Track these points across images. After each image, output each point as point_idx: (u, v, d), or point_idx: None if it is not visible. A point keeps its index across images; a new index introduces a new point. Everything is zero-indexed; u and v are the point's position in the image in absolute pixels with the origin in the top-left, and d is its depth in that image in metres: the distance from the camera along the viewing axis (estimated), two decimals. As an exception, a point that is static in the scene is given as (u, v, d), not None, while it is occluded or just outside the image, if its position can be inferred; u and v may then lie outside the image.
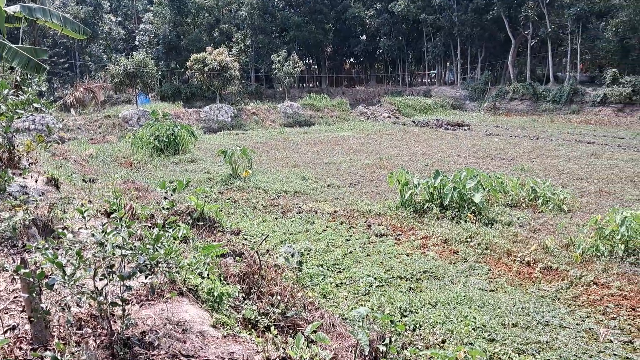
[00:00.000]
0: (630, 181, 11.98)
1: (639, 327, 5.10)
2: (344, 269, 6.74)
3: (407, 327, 4.95)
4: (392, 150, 17.97)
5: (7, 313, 3.24)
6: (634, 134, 22.09)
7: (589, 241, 7.13)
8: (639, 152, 16.55)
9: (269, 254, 6.98)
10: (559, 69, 41.88)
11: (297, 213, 9.62)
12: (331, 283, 6.25)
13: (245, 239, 7.94)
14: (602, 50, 36.44)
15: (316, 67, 55.94)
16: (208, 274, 4.22)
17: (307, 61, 52.54)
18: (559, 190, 10.10)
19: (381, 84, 53.10)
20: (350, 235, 8.26)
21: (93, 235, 2.71)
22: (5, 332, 2.99)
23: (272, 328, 3.49)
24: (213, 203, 9.66)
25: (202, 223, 7.75)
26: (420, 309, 5.44)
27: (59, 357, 2.52)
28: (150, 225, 4.43)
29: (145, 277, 2.82)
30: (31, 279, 2.64)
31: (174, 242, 3.16)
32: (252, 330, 3.82)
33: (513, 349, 4.62)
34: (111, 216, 3.70)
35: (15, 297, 3.41)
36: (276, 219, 9.30)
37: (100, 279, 2.73)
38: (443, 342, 4.77)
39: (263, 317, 4.20)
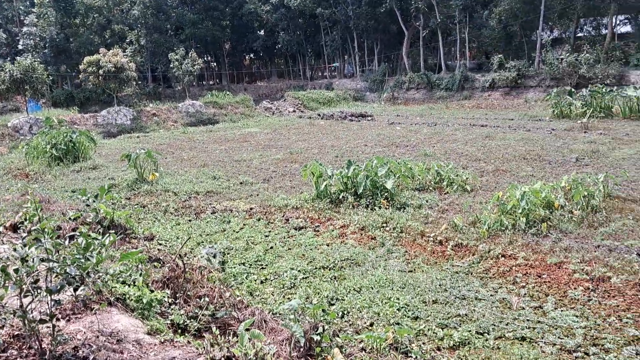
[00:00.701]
0: (523, 159, 12.89)
1: (546, 292, 5.53)
2: (267, 265, 6.75)
3: (337, 315, 5.05)
4: (301, 143, 18.11)
5: None
6: (522, 115, 23.73)
7: (493, 217, 7.60)
8: (528, 132, 17.83)
9: (187, 257, 6.82)
10: (449, 57, 44.00)
11: (211, 213, 9.47)
12: (256, 280, 6.23)
13: (160, 244, 7.70)
14: (488, 38, 38.76)
15: (215, 64, 55.05)
16: (134, 281, 4.07)
17: (205, 59, 51.53)
18: (461, 172, 10.68)
19: (283, 79, 53.23)
20: (269, 231, 8.27)
21: (15, 249, 2.52)
22: None
23: (212, 328, 3.43)
24: (122, 210, 9.28)
25: (113, 231, 7.42)
26: (346, 296, 5.57)
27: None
28: (71, 235, 4.19)
29: (75, 290, 2.67)
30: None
31: (103, 251, 3.02)
32: (185, 334, 3.74)
33: (436, 324, 4.85)
34: (32, 229, 3.45)
35: None
36: (190, 221, 9.11)
37: (25, 296, 2.55)
38: (371, 325, 4.91)
39: (192, 320, 4.12)
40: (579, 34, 38.21)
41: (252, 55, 57.30)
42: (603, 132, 16.83)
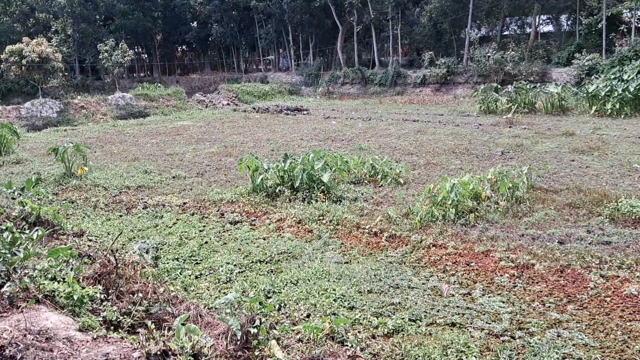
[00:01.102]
0: (452, 152, 13.34)
1: (474, 280, 5.77)
2: (201, 260, 6.67)
3: (273, 307, 5.07)
4: (236, 137, 17.94)
5: None
6: (451, 110, 24.51)
7: (425, 208, 7.84)
8: (457, 127, 18.44)
9: (119, 253, 6.64)
10: (382, 53, 44.78)
11: (143, 208, 9.24)
12: (190, 275, 6.15)
13: (91, 240, 7.46)
14: (419, 35, 39.70)
15: (146, 56, 53.42)
16: (64, 278, 3.92)
17: (136, 50, 49.96)
18: (395, 165, 10.93)
19: (217, 71, 52.39)
20: (204, 226, 8.17)
21: None
22: None
23: (147, 323, 3.37)
24: (49, 205, 8.89)
25: (40, 227, 7.10)
26: (283, 289, 5.59)
27: None
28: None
29: (0, 287, 2.55)
30: None
31: (30, 246, 2.88)
32: (119, 330, 3.65)
33: (371, 313, 4.96)
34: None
35: None
36: (121, 216, 8.86)
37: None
38: (308, 316, 4.96)
39: (126, 316, 4.03)
40: (505, 33, 39.85)
41: (184, 47, 56.02)
42: (527, 126, 17.66)
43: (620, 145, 13.21)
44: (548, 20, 39.10)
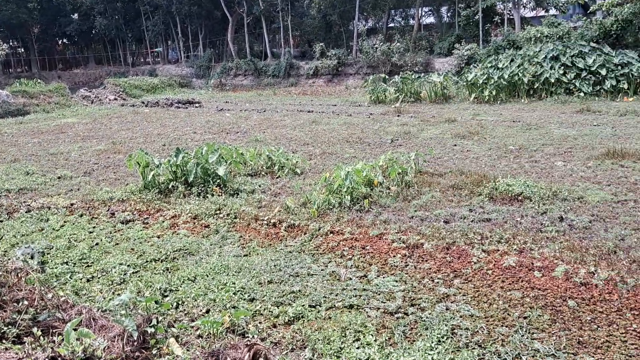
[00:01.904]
0: (346, 142, 13.70)
1: (370, 262, 5.99)
2: (93, 262, 6.36)
3: (171, 306, 4.96)
4: (125, 133, 17.20)
5: None
6: (343, 101, 25.10)
7: (322, 197, 8.00)
8: (350, 116, 18.93)
9: (0, 260, 6.17)
10: (274, 45, 44.81)
11: (26, 212, 8.63)
12: (81, 279, 5.85)
13: (-35, 250, 6.85)
14: (309, 27, 40.16)
15: (23, 50, 49.61)
16: None
17: (11, 44, 46.20)
18: (291, 156, 11.03)
19: (102, 65, 49.84)
20: (94, 227, 7.78)
21: None
22: None
23: (35, 332, 3.17)
24: None
25: None
26: (181, 286, 5.49)
27: None
28: None
29: None
30: None
31: None
32: (3, 342, 3.41)
33: (272, 303, 5.00)
34: None
35: None
36: (1, 221, 8.22)
37: None
38: (207, 311, 4.91)
39: (10, 327, 3.76)
40: (391, 25, 41.36)
41: (65, 40, 52.64)
42: (413, 115, 18.51)
43: (497, 129, 14.23)
44: (430, 12, 41.07)
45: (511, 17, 31.75)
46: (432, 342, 4.18)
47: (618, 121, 14.80)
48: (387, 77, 26.24)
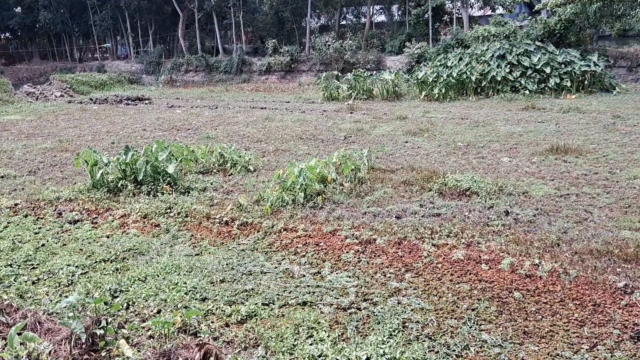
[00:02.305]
0: (300, 138, 13.71)
1: (323, 259, 6.03)
2: (39, 264, 6.15)
3: (121, 307, 4.86)
4: (72, 130, 16.67)
5: None
6: (297, 98, 25.10)
7: (275, 194, 7.99)
8: (303, 113, 18.95)
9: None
10: (226, 41, 44.36)
11: (-35, 214, 8.26)
12: (26, 281, 5.65)
13: None
14: (261, 23, 39.93)
15: (-41, 43, 47.43)
16: None
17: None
18: (244, 153, 10.96)
19: (47, 61, 48.09)
20: (40, 228, 7.53)
21: None
22: None
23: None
24: None
25: None
26: (131, 287, 5.38)
27: None
28: None
29: None
30: None
31: None
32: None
33: (224, 302, 4.97)
34: None
35: None
36: (-62, 224, 7.84)
37: None
38: (159, 312, 4.83)
39: (-52, 335, 3.61)
40: (343, 22, 41.57)
41: (8, 34, 50.51)
42: (366, 112, 18.70)
43: (446, 127, 14.54)
44: (381, 11, 41.53)
45: (460, 16, 32.46)
46: (384, 336, 4.24)
47: (561, 118, 15.36)
48: (339, 74, 26.40)
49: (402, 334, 4.30)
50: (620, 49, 26.42)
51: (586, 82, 21.40)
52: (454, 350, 4.08)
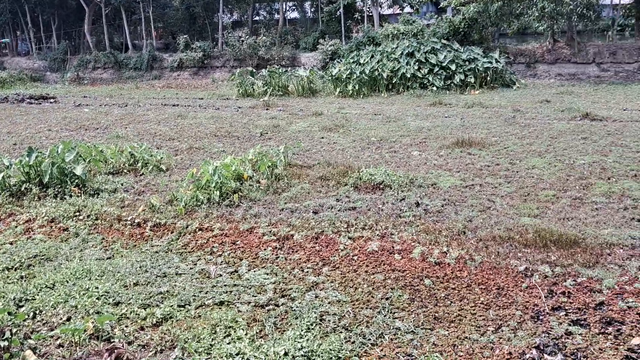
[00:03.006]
0: (214, 136, 13.54)
1: (240, 257, 6.01)
2: None
3: (27, 316, 4.62)
4: (-35, 132, 15.51)
5: None
6: (211, 94, 24.71)
7: (189, 193, 7.85)
8: (218, 110, 18.70)
9: None
10: (135, 37, 42.85)
11: None
12: None
13: None
14: (172, 18, 38.92)
15: None
16: None
17: None
18: (155, 152, 10.68)
19: None
20: None
21: None
22: None
23: None
24: None
25: None
26: (38, 295, 5.11)
27: None
28: None
29: None
30: None
31: None
32: None
33: (139, 305, 4.85)
34: None
35: None
36: None
37: None
38: (69, 319, 4.63)
39: None
40: (256, 18, 41.35)
41: None
42: (282, 108, 18.74)
43: (360, 122, 14.88)
44: (294, 7, 41.68)
45: (370, 14, 33.22)
46: (302, 330, 4.31)
47: (466, 113, 16.15)
48: (254, 70, 26.26)
49: (320, 327, 4.39)
50: (520, 46, 28.15)
51: (489, 78, 22.61)
52: (369, 340, 4.21)
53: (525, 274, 5.28)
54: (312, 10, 39.73)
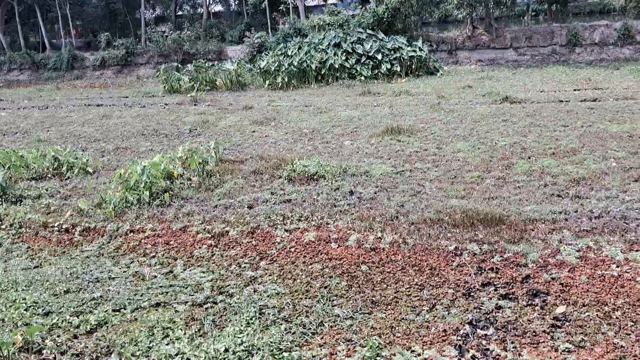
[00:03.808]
0: (142, 134, 13.17)
1: (175, 257, 5.92)
2: None
3: (-52, 335, 4.36)
4: None
5: None
6: (136, 92, 23.97)
7: (118, 195, 7.62)
8: (144, 108, 18.20)
9: None
10: (53, 35, 40.93)
11: None
12: None
13: None
14: (92, 16, 37.42)
15: None
16: None
17: None
18: (81, 154, 10.27)
19: None
20: None
21: None
22: None
23: None
24: None
25: None
26: (-41, 311, 4.84)
27: None
28: None
29: None
30: None
31: None
32: None
33: (70, 313, 4.69)
34: None
35: None
36: None
37: None
38: (-6, 335, 4.41)
39: None
40: (180, 13, 40.43)
41: None
42: (210, 103, 18.46)
43: (291, 114, 14.89)
44: (218, 0, 41.07)
45: (296, 5, 33.20)
46: (242, 325, 4.31)
47: (394, 101, 16.49)
48: (180, 65, 25.70)
49: (260, 321, 4.40)
50: (441, 34, 29.00)
51: (414, 67, 23.16)
52: (310, 329, 4.26)
53: (455, 253, 5.50)
54: (236, 3, 39.28)
